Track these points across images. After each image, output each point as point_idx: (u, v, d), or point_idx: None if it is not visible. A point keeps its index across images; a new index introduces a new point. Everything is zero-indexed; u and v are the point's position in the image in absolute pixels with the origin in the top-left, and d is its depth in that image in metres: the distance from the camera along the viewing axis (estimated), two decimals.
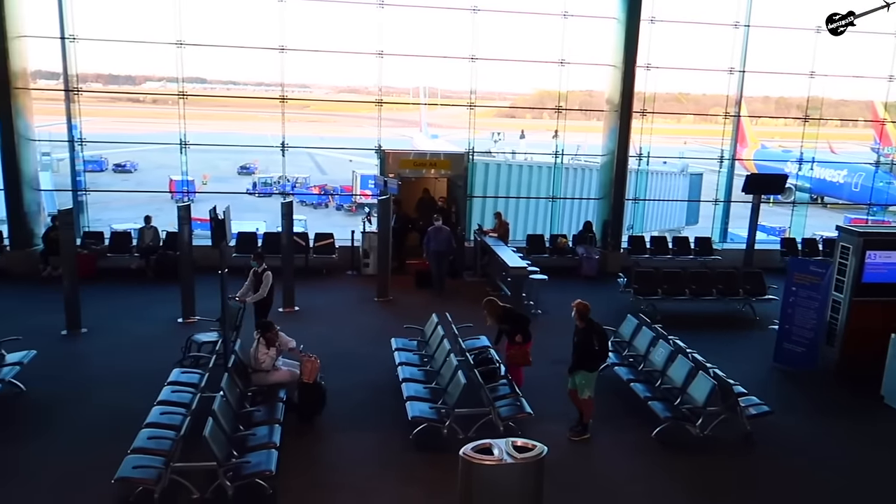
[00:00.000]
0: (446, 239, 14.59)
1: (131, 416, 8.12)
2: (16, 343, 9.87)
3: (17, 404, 9.06)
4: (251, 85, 44.28)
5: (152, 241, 15.43)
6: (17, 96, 14.69)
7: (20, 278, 14.68)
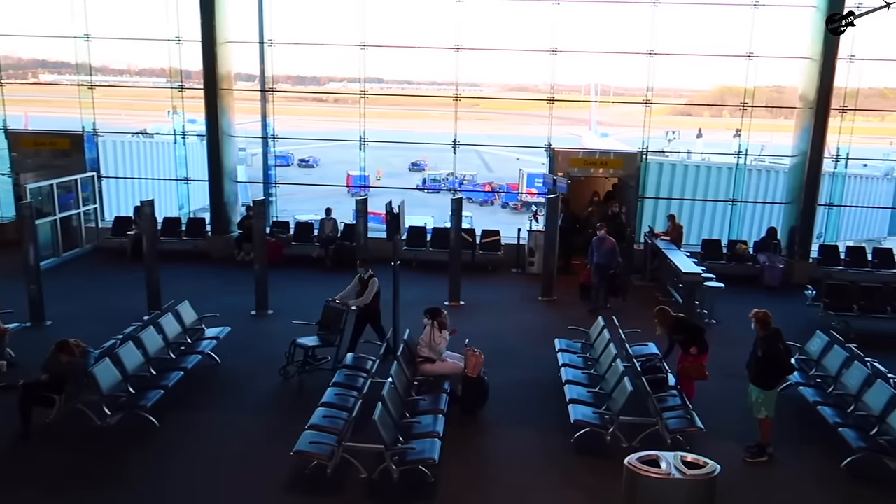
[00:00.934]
0: (610, 251, 13.22)
1: (308, 394, 8.77)
2: (213, 319, 11.00)
3: (212, 375, 10.05)
4: (424, 84, 45.87)
5: (331, 231, 16.43)
6: (222, 97, 16.29)
7: (218, 261, 16.25)
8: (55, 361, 8.36)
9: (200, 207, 18.83)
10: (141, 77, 42.54)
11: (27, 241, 11.70)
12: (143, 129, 27.58)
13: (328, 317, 10.32)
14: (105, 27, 17.53)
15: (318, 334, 10.19)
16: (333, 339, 9.95)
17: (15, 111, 18.54)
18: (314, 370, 9.74)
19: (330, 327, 10.15)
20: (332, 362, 9.87)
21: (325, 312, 10.43)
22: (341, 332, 10.02)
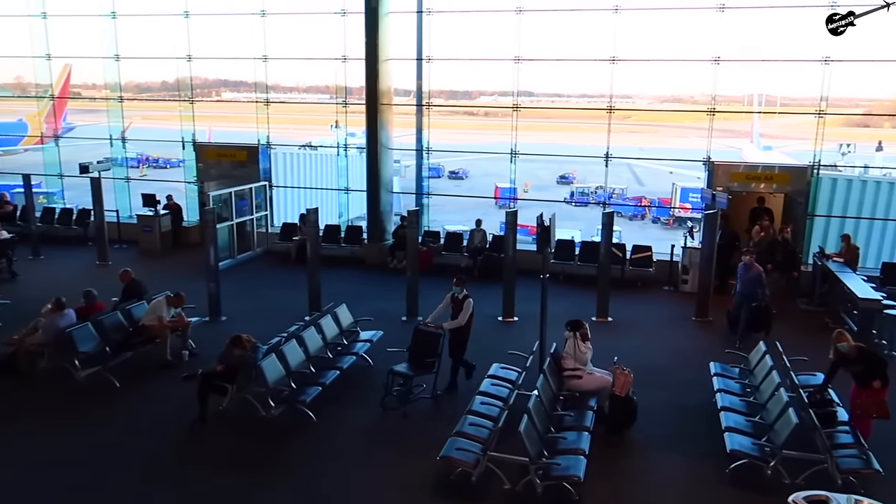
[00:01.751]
0: (755, 280, 11.91)
1: (457, 402, 8.98)
2: (367, 322, 11.56)
3: (365, 376, 10.53)
4: (574, 97, 45.43)
5: (480, 242, 16.69)
6: (381, 111, 17.11)
7: (372, 267, 17.03)
8: (229, 354, 9.18)
9: (358, 216, 19.85)
10: (308, 94, 45.58)
11: (208, 243, 12.92)
12: (308, 142, 29.57)
13: (420, 342, 9.77)
14: (279, 49, 18.89)
15: (410, 363, 9.60)
16: (430, 366, 9.46)
17: (201, 126, 20.52)
18: (415, 400, 9.36)
19: (423, 353, 9.55)
20: (431, 391, 9.54)
21: (416, 337, 9.91)
22: (438, 356, 9.55)
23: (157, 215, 18.30)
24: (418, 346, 9.78)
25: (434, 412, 9.29)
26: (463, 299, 10.09)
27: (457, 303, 10.14)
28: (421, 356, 9.58)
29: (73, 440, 8.57)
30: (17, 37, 22.98)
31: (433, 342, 9.65)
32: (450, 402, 9.49)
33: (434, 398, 9.45)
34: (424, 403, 9.47)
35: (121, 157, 21.91)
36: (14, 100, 30.27)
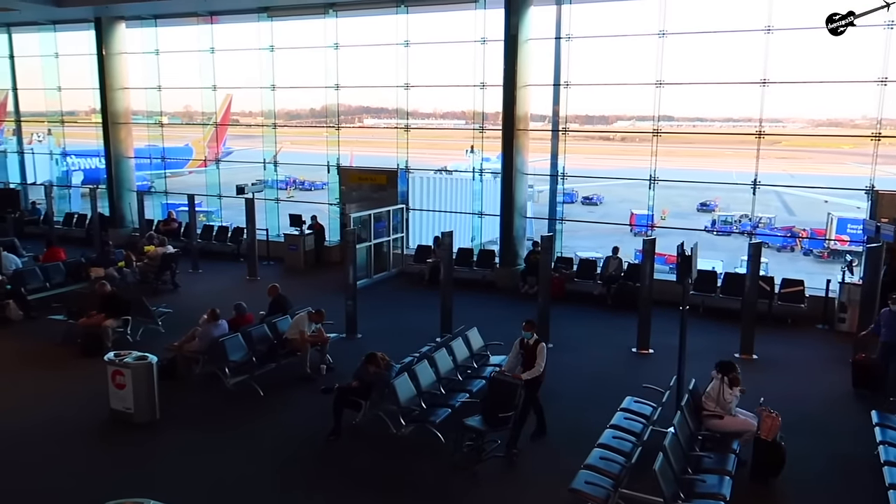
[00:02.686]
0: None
1: (583, 432, 8.75)
2: (497, 347, 11.55)
3: None
4: (718, 121, 43.41)
5: (615, 270, 16.27)
6: (518, 137, 17.21)
7: (503, 291, 17.05)
8: (364, 371, 9.48)
9: (490, 240, 20.00)
10: (444, 119, 46.71)
11: (348, 262, 13.50)
12: (444, 166, 30.25)
13: (496, 393, 8.84)
14: (420, 76, 19.55)
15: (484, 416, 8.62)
16: (506, 420, 8.53)
17: (344, 150, 21.58)
18: (487, 458, 8.48)
19: (499, 406, 8.59)
20: (505, 447, 8.69)
21: (491, 388, 9.04)
22: (516, 409, 8.57)
23: (302, 235, 19.39)
24: (494, 397, 8.78)
25: (568, 442, 9.07)
26: (535, 345, 9.28)
27: (528, 349, 9.31)
28: (496, 409, 8.56)
29: (217, 441, 9.19)
30: (187, 70, 25.40)
31: (510, 394, 8.63)
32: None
33: (509, 457, 8.67)
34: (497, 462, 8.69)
35: (272, 179, 23.48)
36: (182, 126, 33.27)
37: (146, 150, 25.64)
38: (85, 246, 19.94)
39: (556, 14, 17.30)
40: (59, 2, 19.66)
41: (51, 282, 15.41)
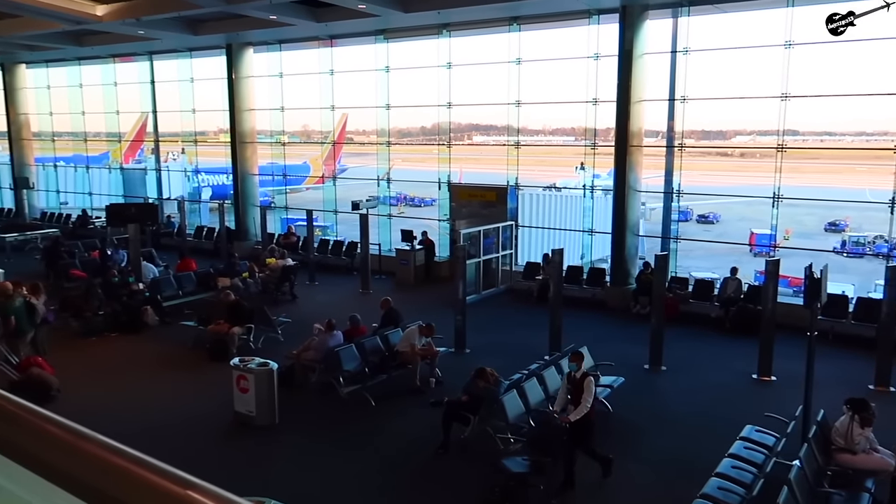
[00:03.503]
0: None
1: (699, 460, 8.38)
2: (608, 367, 11.32)
3: (603, 421, 10.26)
4: (850, 135, 40.69)
5: (734, 292, 15.54)
6: (631, 153, 16.87)
7: (613, 311, 16.68)
8: (474, 386, 9.56)
9: (600, 258, 19.65)
10: (553, 136, 46.48)
11: (458, 278, 13.67)
12: (553, 183, 30.06)
13: (540, 433, 8.39)
14: (529, 93, 19.58)
15: (528, 458, 8.04)
16: (547, 465, 7.96)
17: (453, 167, 21.89)
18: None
19: (541, 448, 8.10)
20: (548, 495, 8.04)
21: (539, 422, 8.59)
22: (554, 457, 8.08)
23: (413, 250, 19.82)
24: (537, 438, 8.33)
25: (683, 469, 8.73)
26: (582, 379, 8.53)
27: (575, 384, 8.56)
28: (538, 451, 8.05)
29: (330, 446, 9.54)
30: (307, 91, 26.71)
31: (551, 439, 8.14)
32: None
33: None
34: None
35: (384, 195, 24.18)
36: (301, 145, 34.91)
37: (269, 167, 27.10)
38: (213, 257, 21.30)
39: (673, 27, 16.87)
40: (196, 30, 21.21)
41: (183, 290, 16.57)
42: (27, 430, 0.93)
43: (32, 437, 0.91)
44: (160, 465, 0.80)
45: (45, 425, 0.90)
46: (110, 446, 0.82)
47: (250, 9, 17.84)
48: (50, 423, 0.90)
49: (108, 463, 0.80)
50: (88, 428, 0.86)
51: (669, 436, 9.52)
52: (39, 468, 0.89)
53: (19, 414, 0.95)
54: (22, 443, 0.92)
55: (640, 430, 10.02)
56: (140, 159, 34.57)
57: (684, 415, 10.52)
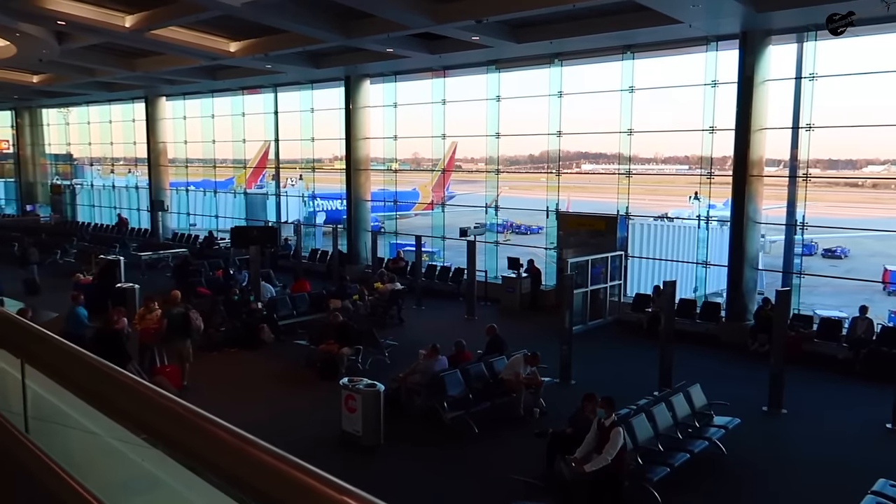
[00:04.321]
0: None
1: None
2: (723, 407, 10.78)
3: (717, 464, 9.80)
4: None
5: (865, 332, 14.44)
6: (750, 183, 16.16)
7: (728, 347, 15.88)
8: (580, 415, 9.36)
9: (714, 292, 18.84)
10: (666, 164, 45.31)
11: (565, 307, 13.51)
12: (665, 213, 29.22)
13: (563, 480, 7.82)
14: (641, 121, 19.23)
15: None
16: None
17: (561, 195, 21.77)
18: None
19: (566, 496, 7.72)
20: None
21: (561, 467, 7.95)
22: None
23: (519, 277, 19.78)
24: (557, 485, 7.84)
25: None
26: (610, 427, 7.97)
27: (603, 431, 8.08)
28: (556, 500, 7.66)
29: (432, 470, 9.63)
30: (418, 120, 27.45)
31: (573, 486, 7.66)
32: None
33: None
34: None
35: (491, 222, 24.35)
36: (411, 172, 35.84)
37: (380, 193, 27.97)
38: (325, 279, 22.11)
39: (798, 52, 16.11)
40: (318, 64, 22.38)
41: (297, 310, 17.31)
42: (198, 432, 1.04)
43: (204, 440, 1.01)
44: (318, 472, 0.87)
45: (215, 430, 1.00)
46: (274, 452, 0.91)
47: (369, 43, 18.64)
48: (220, 428, 1.01)
49: (272, 467, 0.89)
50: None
51: (790, 485, 8.93)
52: (208, 469, 0.99)
53: (191, 419, 1.06)
54: (193, 445, 1.03)
55: (757, 477, 9.45)
56: (262, 184, 36.63)
57: (807, 463, 9.84)
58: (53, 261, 26.24)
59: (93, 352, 1.60)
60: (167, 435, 1.11)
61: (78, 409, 1.81)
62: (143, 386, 1.22)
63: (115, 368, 1.38)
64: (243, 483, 0.92)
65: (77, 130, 40.02)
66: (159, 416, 1.13)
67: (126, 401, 1.27)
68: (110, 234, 33.14)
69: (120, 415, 1.35)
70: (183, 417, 1.06)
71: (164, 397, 1.15)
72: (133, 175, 38.01)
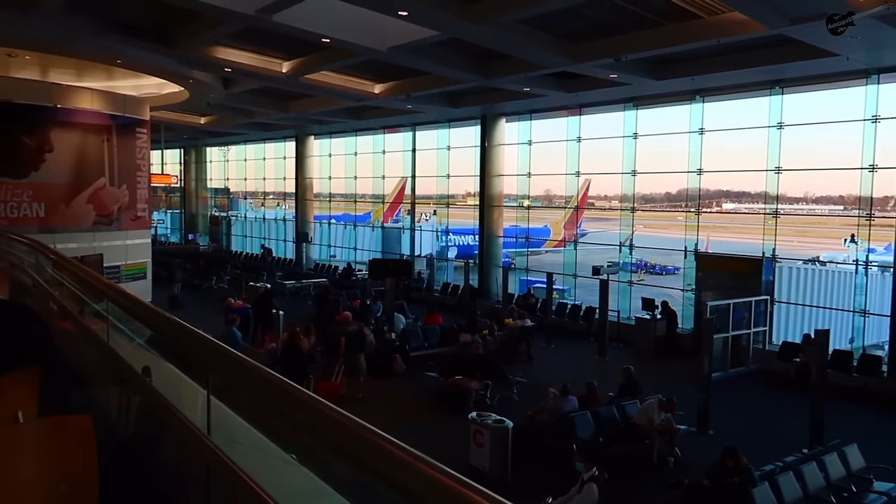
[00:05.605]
0: None
1: None
2: (884, 471, 9.80)
3: None
4: None
5: None
6: None
7: (891, 405, 14.39)
8: (720, 469, 8.87)
9: (873, 344, 17.24)
10: (816, 205, 42.31)
11: (704, 353, 12.90)
12: (815, 256, 27.21)
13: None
14: (790, 159, 18.16)
15: None
16: None
17: (700, 235, 20.91)
18: None
19: None
20: None
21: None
22: None
23: (654, 319, 19.10)
24: None
25: None
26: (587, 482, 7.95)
27: (581, 487, 8.06)
28: None
29: None
30: (552, 157, 27.46)
31: None
32: None
33: None
34: None
35: (625, 261, 23.78)
36: (543, 209, 35.81)
37: (511, 230, 28.16)
38: (455, 313, 22.46)
39: None
40: (455, 104, 23.10)
41: (428, 342, 17.69)
42: (367, 446, 1.16)
43: (373, 454, 1.14)
44: (487, 492, 0.95)
45: (383, 443, 1.12)
46: (441, 469, 1.00)
47: (506, 82, 19.03)
48: (386, 442, 1.13)
49: (442, 483, 0.98)
50: None
51: None
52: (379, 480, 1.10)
53: (367, 435, 1.18)
54: (363, 457, 1.16)
55: None
56: (397, 219, 37.97)
57: None
58: (209, 286, 28.54)
59: (278, 364, 1.84)
60: (342, 447, 1.24)
61: (249, 418, 2.04)
62: (321, 402, 1.38)
63: (290, 383, 1.55)
64: (414, 496, 1.02)
65: (235, 167, 43.67)
66: (335, 432, 1.27)
67: (302, 414, 1.43)
68: (257, 263, 35.60)
69: (295, 427, 1.51)
70: (359, 434, 1.19)
71: (338, 413, 1.30)
72: (281, 208, 40.72)
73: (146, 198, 22.04)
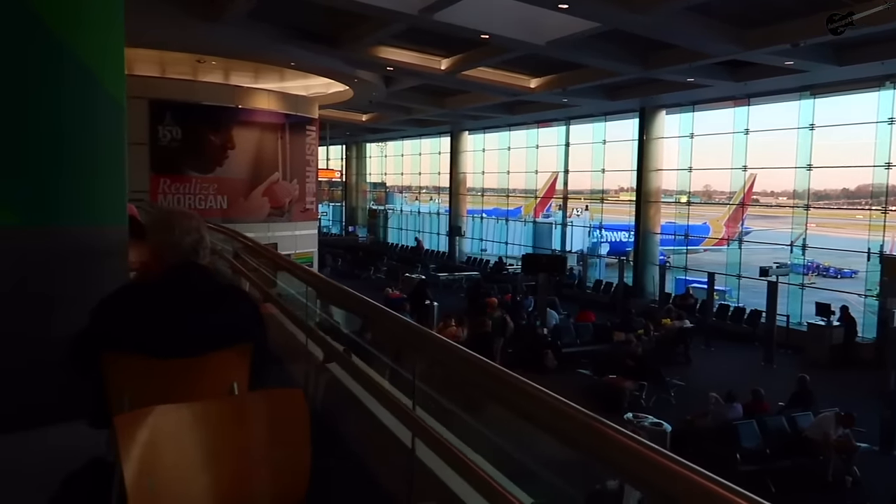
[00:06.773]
0: None
1: None
2: None
3: None
4: None
5: None
6: None
7: None
8: None
9: None
10: None
11: (890, 365, 11.73)
12: None
13: None
14: None
15: None
16: None
17: (887, 236, 18.99)
18: None
19: None
20: None
21: None
22: None
23: (830, 326, 17.60)
24: None
25: None
26: None
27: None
28: None
29: None
30: (714, 151, 26.07)
31: None
32: None
33: None
34: None
35: (796, 263, 22.10)
36: (701, 206, 34.09)
37: (668, 227, 27.09)
38: (608, 311, 21.98)
39: None
40: (612, 97, 22.56)
41: (581, 339, 17.48)
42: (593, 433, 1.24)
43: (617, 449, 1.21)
44: (721, 480, 0.99)
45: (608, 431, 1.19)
46: (672, 458, 1.06)
47: (667, 73, 18.32)
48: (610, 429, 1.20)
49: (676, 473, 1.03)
50: None
51: None
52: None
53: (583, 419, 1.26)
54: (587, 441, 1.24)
55: None
56: (548, 214, 37.76)
57: None
58: (367, 276, 30.00)
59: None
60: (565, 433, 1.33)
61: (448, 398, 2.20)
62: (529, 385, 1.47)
63: (501, 368, 1.66)
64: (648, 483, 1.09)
65: (392, 162, 45.51)
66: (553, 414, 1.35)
67: (513, 396, 1.53)
68: (410, 255, 36.89)
69: (510, 407, 1.63)
70: (574, 418, 1.27)
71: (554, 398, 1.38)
72: (435, 202, 41.89)
73: (314, 191, 23.55)
